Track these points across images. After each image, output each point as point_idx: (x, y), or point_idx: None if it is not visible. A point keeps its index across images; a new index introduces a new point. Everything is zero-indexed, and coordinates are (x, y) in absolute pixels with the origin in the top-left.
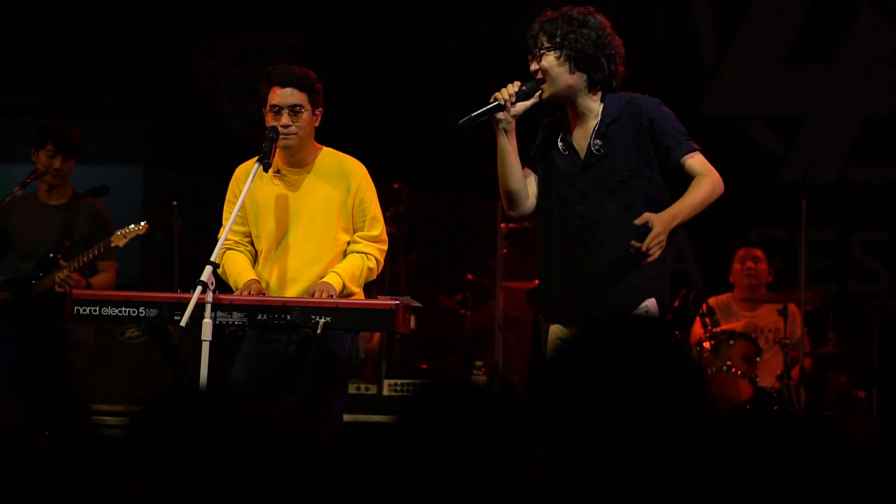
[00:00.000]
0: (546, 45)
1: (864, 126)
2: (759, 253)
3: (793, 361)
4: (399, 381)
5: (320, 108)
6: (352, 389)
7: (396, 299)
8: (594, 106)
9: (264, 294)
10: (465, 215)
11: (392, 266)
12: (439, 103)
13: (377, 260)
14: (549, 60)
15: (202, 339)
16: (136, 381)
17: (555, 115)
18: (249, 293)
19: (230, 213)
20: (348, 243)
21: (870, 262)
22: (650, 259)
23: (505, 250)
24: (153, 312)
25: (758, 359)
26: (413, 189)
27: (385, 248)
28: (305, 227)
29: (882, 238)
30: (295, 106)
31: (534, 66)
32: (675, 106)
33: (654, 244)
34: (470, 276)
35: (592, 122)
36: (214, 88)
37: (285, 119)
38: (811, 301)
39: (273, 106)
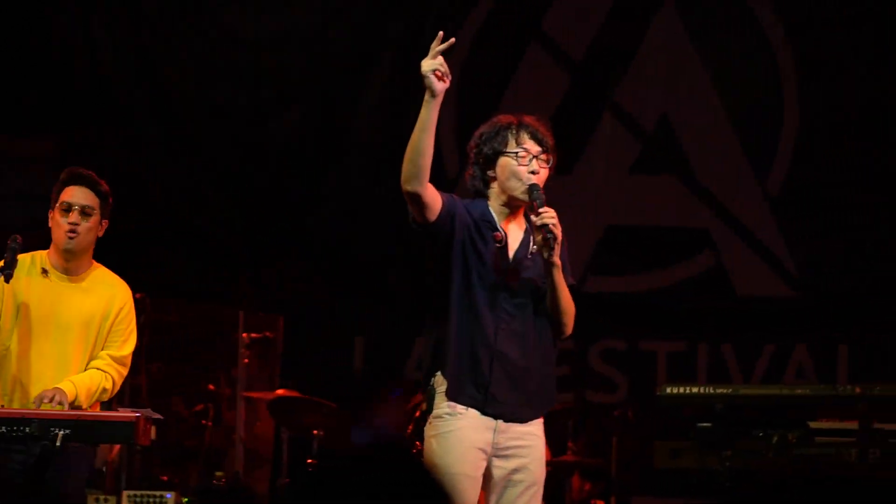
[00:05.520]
0: (551, 150)
1: (603, 236)
2: None
3: None
4: (139, 493)
5: (107, 221)
6: (90, 501)
7: (137, 411)
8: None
9: None
10: (207, 325)
11: (133, 377)
12: (184, 210)
13: (115, 383)
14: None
15: None
16: None
17: (473, 198)
18: None
19: None
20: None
21: (608, 371)
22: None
23: (246, 360)
24: None
25: None
26: (155, 298)
27: (126, 372)
28: (61, 335)
29: (620, 347)
30: (87, 207)
31: (540, 166)
32: None
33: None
34: (211, 387)
35: (524, 229)
36: None
37: (74, 217)
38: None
39: (64, 202)
